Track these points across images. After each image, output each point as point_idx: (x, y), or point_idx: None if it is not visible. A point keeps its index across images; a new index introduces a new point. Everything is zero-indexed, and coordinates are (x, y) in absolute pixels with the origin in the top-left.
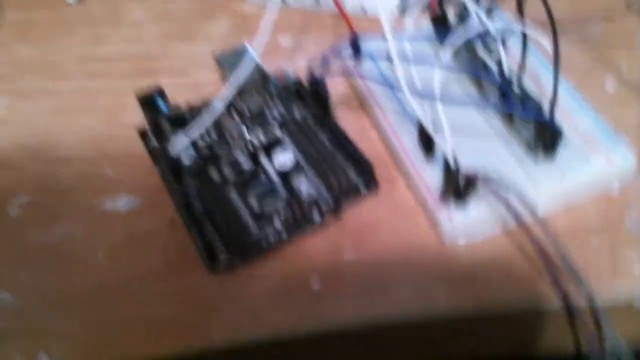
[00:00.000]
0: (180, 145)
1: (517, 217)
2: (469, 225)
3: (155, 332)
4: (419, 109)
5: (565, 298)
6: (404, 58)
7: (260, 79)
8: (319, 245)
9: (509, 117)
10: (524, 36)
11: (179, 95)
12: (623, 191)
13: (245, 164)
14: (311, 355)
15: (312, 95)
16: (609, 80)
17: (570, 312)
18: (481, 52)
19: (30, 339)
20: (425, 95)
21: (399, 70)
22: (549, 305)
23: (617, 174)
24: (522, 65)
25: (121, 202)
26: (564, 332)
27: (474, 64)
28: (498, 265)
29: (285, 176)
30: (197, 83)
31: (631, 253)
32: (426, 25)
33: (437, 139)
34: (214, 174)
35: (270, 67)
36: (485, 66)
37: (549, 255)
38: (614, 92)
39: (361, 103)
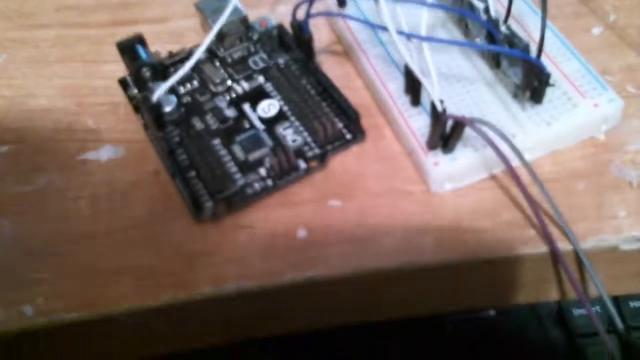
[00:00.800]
0: (162, 92)
1: (504, 162)
2: (456, 171)
3: (141, 281)
4: (405, 50)
5: (550, 242)
6: None
7: (242, 25)
8: (305, 194)
9: (496, 62)
10: None
11: (159, 44)
12: (609, 136)
13: (229, 112)
14: (298, 304)
15: (295, 40)
16: (595, 24)
17: (554, 256)
18: None
19: (14, 291)
20: (411, 35)
21: (384, 6)
22: (534, 249)
23: (604, 118)
24: (509, 5)
25: (103, 153)
26: (548, 277)
27: (460, 4)
28: (484, 210)
29: (269, 124)
30: (177, 31)
31: (616, 197)
32: None
33: (423, 81)
34: (196, 122)
35: (251, 13)
36: (471, 6)
37: (534, 199)
38: (600, 36)
39: (346, 50)
